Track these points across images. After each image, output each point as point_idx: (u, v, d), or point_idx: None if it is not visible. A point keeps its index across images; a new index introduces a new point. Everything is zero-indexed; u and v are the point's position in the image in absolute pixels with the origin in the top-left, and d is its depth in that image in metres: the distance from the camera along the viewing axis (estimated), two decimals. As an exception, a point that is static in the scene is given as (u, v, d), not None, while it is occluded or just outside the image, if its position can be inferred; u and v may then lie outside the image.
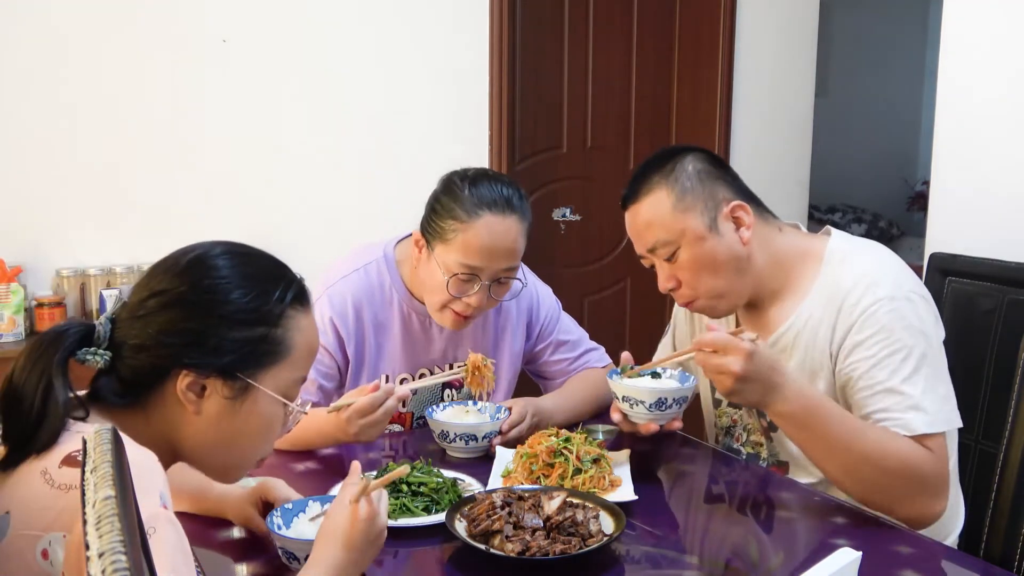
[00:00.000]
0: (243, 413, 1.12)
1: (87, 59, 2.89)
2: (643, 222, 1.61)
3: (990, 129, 2.07)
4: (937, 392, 1.48)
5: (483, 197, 1.72)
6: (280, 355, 1.13)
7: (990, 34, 2.06)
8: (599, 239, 3.92)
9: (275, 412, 1.15)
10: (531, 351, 2.02)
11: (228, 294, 1.10)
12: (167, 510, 0.96)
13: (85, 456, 0.80)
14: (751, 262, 1.59)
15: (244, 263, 1.14)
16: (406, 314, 1.88)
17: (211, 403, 1.10)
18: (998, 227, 2.02)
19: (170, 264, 1.13)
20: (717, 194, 1.59)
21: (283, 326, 1.13)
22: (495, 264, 1.73)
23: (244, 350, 1.10)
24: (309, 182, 3.23)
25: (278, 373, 1.14)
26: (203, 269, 1.11)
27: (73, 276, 2.87)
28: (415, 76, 3.35)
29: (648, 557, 1.36)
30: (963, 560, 1.41)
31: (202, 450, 1.14)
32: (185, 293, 1.09)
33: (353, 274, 1.86)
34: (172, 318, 1.08)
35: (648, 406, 1.55)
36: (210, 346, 1.08)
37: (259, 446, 1.18)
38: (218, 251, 1.14)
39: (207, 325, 1.09)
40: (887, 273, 1.54)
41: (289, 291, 1.15)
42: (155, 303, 1.09)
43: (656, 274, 1.64)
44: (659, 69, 4.01)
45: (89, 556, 0.66)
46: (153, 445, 1.07)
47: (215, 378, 1.09)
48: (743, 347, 1.38)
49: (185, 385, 1.08)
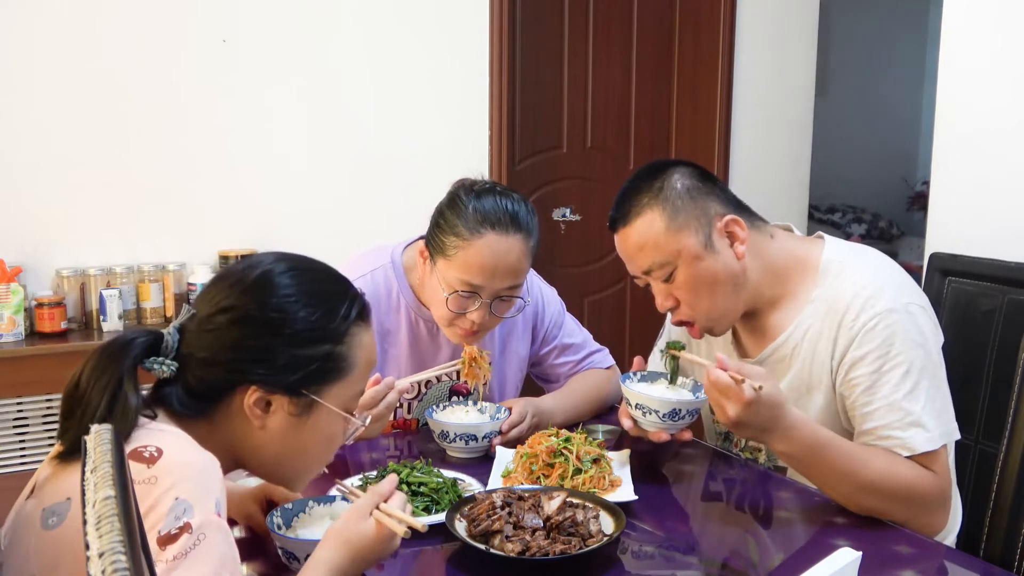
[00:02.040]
0: (307, 428, 1.15)
1: (87, 59, 2.89)
2: (635, 245, 1.57)
3: (990, 129, 2.07)
4: (937, 406, 1.48)
5: (487, 214, 1.67)
6: (344, 372, 1.16)
7: (990, 34, 2.06)
8: (599, 239, 3.91)
9: (337, 426, 1.18)
10: (536, 354, 2.00)
11: (295, 312, 1.13)
12: (220, 518, 0.98)
13: (85, 456, 0.80)
14: (747, 276, 1.58)
15: (309, 280, 1.17)
16: (413, 321, 1.86)
17: (276, 419, 1.13)
18: (998, 227, 2.02)
19: (236, 279, 1.15)
20: (709, 210, 1.56)
21: (347, 343, 1.16)
22: (496, 283, 1.70)
23: (310, 368, 1.13)
24: (309, 182, 3.23)
25: (341, 389, 1.16)
26: (270, 287, 1.14)
27: (73, 276, 2.87)
28: (415, 76, 3.35)
29: (648, 557, 1.36)
30: (963, 560, 1.41)
31: (265, 461, 1.17)
32: (253, 311, 1.12)
33: (360, 280, 1.83)
34: (241, 335, 1.11)
35: (661, 416, 1.54)
36: (278, 364, 1.11)
37: (321, 458, 1.22)
38: (283, 268, 1.16)
39: (275, 343, 1.12)
40: (886, 284, 1.53)
41: (354, 307, 1.17)
42: (224, 319, 1.11)
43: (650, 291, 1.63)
44: (659, 69, 4.01)
45: (89, 556, 0.66)
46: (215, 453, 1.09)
47: (281, 395, 1.12)
48: (743, 397, 1.36)
49: (252, 401, 1.11)
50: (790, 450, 1.44)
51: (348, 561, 1.13)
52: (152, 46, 2.96)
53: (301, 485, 1.25)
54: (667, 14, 3.98)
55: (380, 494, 1.18)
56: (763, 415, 1.38)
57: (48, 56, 2.84)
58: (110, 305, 2.82)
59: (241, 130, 3.11)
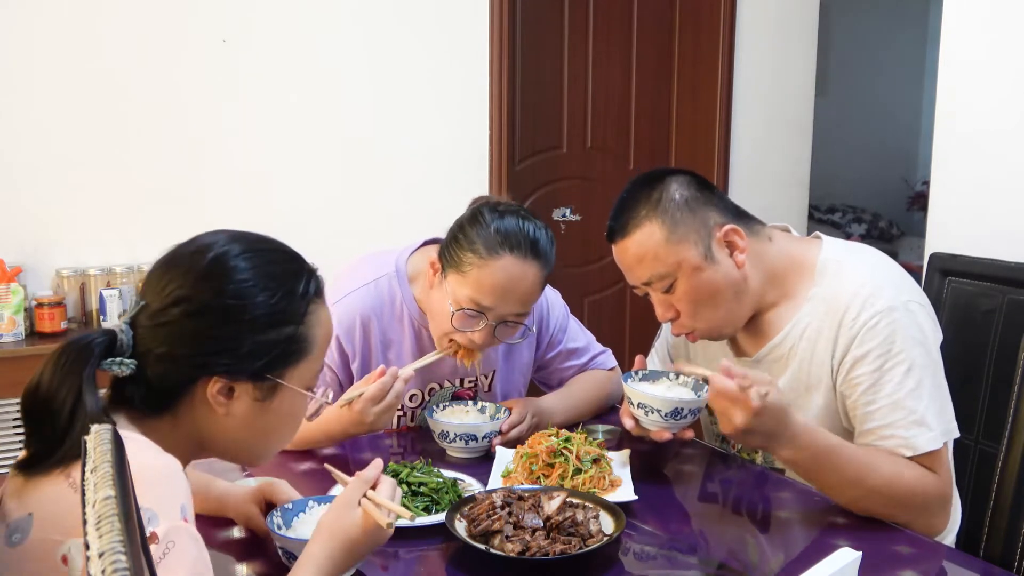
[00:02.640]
0: (271, 410, 1.13)
1: (87, 59, 2.89)
2: (634, 257, 1.57)
3: (990, 129, 2.07)
4: (938, 405, 1.48)
5: (508, 235, 1.64)
6: (305, 352, 1.14)
7: (990, 34, 2.06)
8: (599, 239, 3.87)
9: (300, 405, 1.17)
10: (541, 359, 1.99)
11: (254, 298, 1.09)
12: (187, 523, 0.95)
13: (85, 456, 0.80)
14: (747, 284, 1.57)
15: (265, 261, 1.12)
16: (417, 330, 1.84)
17: (240, 404, 1.11)
18: (998, 227, 2.02)
19: (188, 266, 1.10)
20: (708, 220, 1.55)
21: (307, 323, 1.14)
22: (505, 307, 1.67)
23: (273, 352, 1.11)
24: (309, 182, 3.23)
25: (303, 369, 1.15)
26: (225, 272, 1.09)
27: (73, 276, 2.87)
28: (415, 76, 3.35)
29: (648, 557, 1.36)
30: (963, 560, 1.41)
31: (229, 445, 1.15)
32: (210, 301, 1.07)
33: (362, 288, 1.82)
34: (199, 327, 1.07)
35: (664, 415, 1.53)
36: (241, 352, 1.08)
37: (286, 436, 1.21)
38: (237, 250, 1.11)
39: (235, 332, 1.08)
40: (885, 282, 1.52)
41: (310, 285, 1.15)
42: (179, 311, 1.06)
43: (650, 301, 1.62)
44: (659, 69, 4.01)
45: (89, 556, 0.66)
46: (180, 444, 1.08)
47: (244, 382, 1.10)
48: (751, 405, 1.34)
49: (215, 391, 1.09)
50: (796, 457, 1.43)
51: (339, 553, 1.12)
52: (152, 46, 2.96)
53: (264, 461, 1.24)
54: (667, 14, 3.98)
55: (366, 480, 1.17)
56: (769, 423, 1.37)
57: (48, 56, 2.84)
58: (110, 305, 2.82)
59: (241, 130, 3.11)
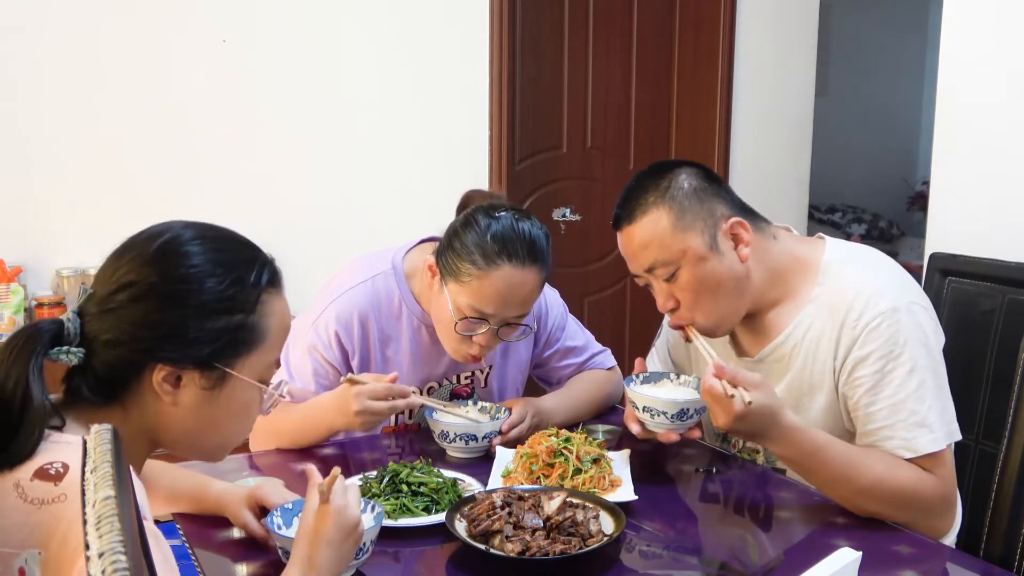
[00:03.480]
0: (221, 400, 1.10)
1: (87, 59, 2.89)
2: (639, 242, 1.56)
3: (990, 129, 2.07)
4: (940, 406, 1.48)
5: (504, 243, 1.64)
6: (256, 342, 1.11)
7: (989, 35, 2.06)
8: (599, 239, 3.92)
9: (252, 397, 1.13)
10: (538, 357, 2.00)
11: (202, 283, 1.06)
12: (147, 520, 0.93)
13: (85, 456, 0.80)
14: (749, 280, 1.57)
15: (216, 248, 1.10)
16: (415, 327, 1.84)
17: (187, 393, 1.07)
18: (998, 227, 2.02)
19: (138, 252, 1.07)
20: (715, 211, 1.55)
21: (259, 312, 1.10)
22: (507, 312, 1.68)
23: (221, 340, 1.07)
24: (309, 182, 3.23)
25: (254, 359, 1.11)
26: (174, 257, 1.06)
27: (73, 276, 2.88)
28: (415, 76, 3.35)
29: (648, 557, 1.36)
30: (963, 560, 1.41)
31: (182, 438, 1.11)
32: (156, 284, 1.05)
33: (360, 286, 1.82)
34: (145, 311, 1.04)
35: (670, 416, 1.53)
36: (187, 338, 1.05)
37: (238, 430, 1.16)
38: (188, 236, 1.09)
39: (182, 317, 1.05)
40: (888, 283, 1.52)
41: (264, 273, 1.12)
42: (126, 296, 1.04)
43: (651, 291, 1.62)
44: (659, 69, 4.01)
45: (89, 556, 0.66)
46: (133, 439, 1.06)
47: (191, 369, 1.06)
48: (733, 410, 1.37)
49: (161, 378, 1.05)
50: (785, 453, 1.45)
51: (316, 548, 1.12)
52: (152, 46, 2.96)
53: (222, 456, 1.20)
54: (667, 14, 3.98)
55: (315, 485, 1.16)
56: (753, 424, 1.39)
57: (48, 56, 2.84)
58: (110, 305, 2.82)
59: (241, 130, 3.11)
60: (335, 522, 1.13)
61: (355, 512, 1.16)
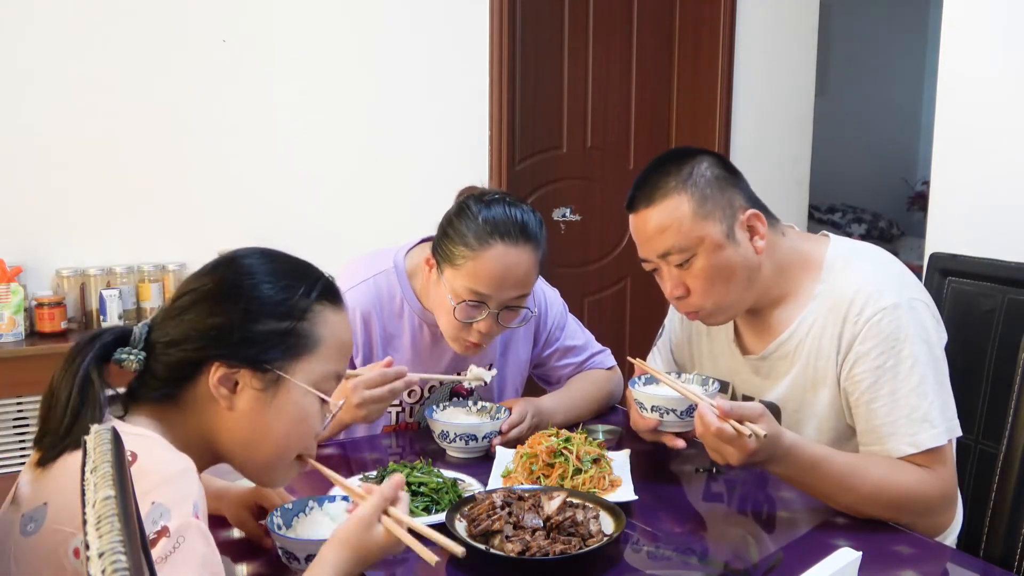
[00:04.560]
0: (275, 406, 1.13)
1: (87, 59, 2.89)
2: (656, 227, 1.55)
3: (990, 129, 2.07)
4: (941, 401, 1.48)
5: (496, 224, 1.66)
6: (308, 348, 1.15)
7: (989, 35, 2.06)
8: (599, 239, 3.92)
9: (308, 406, 1.16)
10: (538, 356, 2.00)
11: (254, 288, 1.13)
12: (199, 520, 0.96)
13: (85, 456, 0.80)
14: (760, 272, 1.58)
15: (271, 260, 1.18)
16: (417, 325, 1.85)
17: (244, 397, 1.12)
18: (998, 227, 2.03)
19: (204, 269, 1.18)
20: (734, 201, 1.56)
21: (310, 320, 1.15)
22: (504, 293, 1.69)
23: (271, 341, 1.12)
24: (309, 182, 3.23)
25: (308, 366, 1.15)
26: (232, 267, 1.16)
27: (73, 276, 2.87)
28: (415, 76, 3.35)
29: (648, 557, 1.36)
30: (963, 560, 1.41)
31: (238, 446, 1.15)
32: (212, 289, 1.13)
33: (362, 284, 1.83)
34: (201, 313, 1.12)
35: (679, 414, 1.53)
36: (237, 338, 1.11)
37: (294, 441, 1.17)
38: (248, 252, 1.19)
39: (234, 318, 1.12)
40: (889, 280, 1.53)
41: (316, 286, 1.17)
42: (186, 301, 1.13)
43: (655, 278, 1.62)
44: (659, 69, 4.01)
45: (89, 556, 0.66)
46: (192, 444, 1.09)
47: (246, 370, 1.11)
48: (748, 447, 1.33)
49: (217, 379, 1.10)
50: (787, 472, 1.43)
51: (353, 565, 1.12)
52: (152, 46, 2.96)
53: (278, 477, 1.20)
54: (667, 14, 3.99)
55: (385, 498, 1.14)
56: (765, 454, 1.37)
57: (48, 56, 2.84)
58: (110, 305, 2.82)
59: (241, 130, 3.11)
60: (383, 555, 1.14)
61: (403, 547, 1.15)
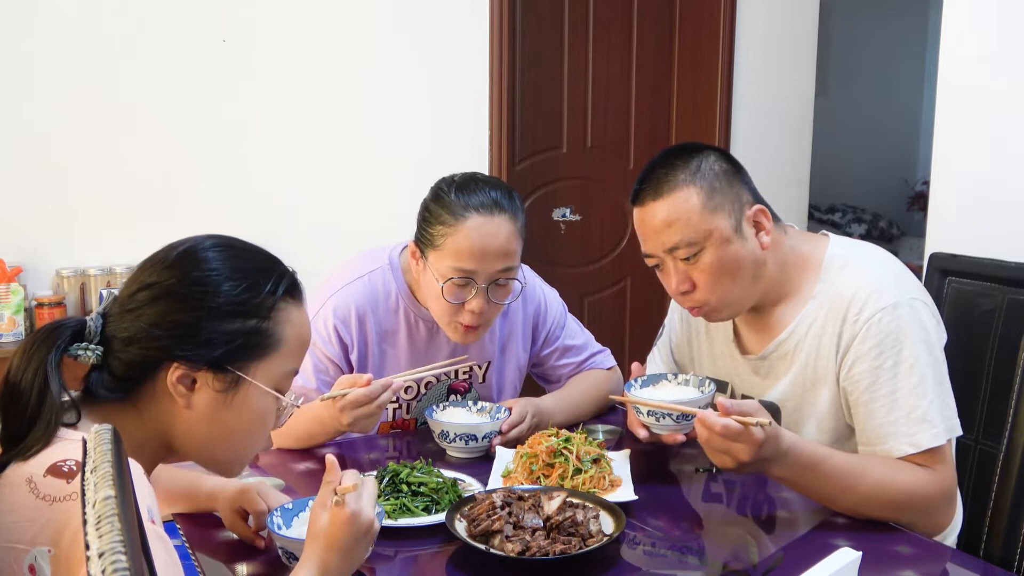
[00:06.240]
0: (234, 406, 1.10)
1: (87, 59, 2.89)
2: (663, 220, 1.54)
3: (990, 129, 2.07)
4: (941, 401, 1.48)
5: (470, 200, 1.70)
6: (271, 348, 1.12)
7: (990, 34, 2.06)
8: (599, 239, 3.92)
9: (267, 405, 1.14)
10: (537, 355, 2.00)
11: (218, 286, 1.08)
12: (155, 525, 0.93)
13: (85, 456, 0.80)
14: (766, 267, 1.58)
15: (234, 256, 1.13)
16: (412, 321, 1.86)
17: (202, 396, 1.09)
18: (998, 227, 2.02)
19: (160, 257, 1.11)
20: (741, 196, 1.56)
21: (274, 319, 1.12)
22: (488, 265, 1.70)
23: (234, 342, 1.09)
24: (309, 182, 3.23)
25: (269, 366, 1.12)
26: (193, 261, 1.10)
27: (73, 276, 2.88)
28: (415, 76, 3.35)
29: (648, 557, 1.36)
30: (963, 560, 1.41)
31: (196, 445, 1.12)
32: (174, 285, 1.08)
33: (357, 281, 1.84)
34: (161, 310, 1.07)
35: (675, 418, 1.52)
36: (200, 339, 1.07)
37: (253, 440, 1.16)
38: (208, 244, 1.12)
39: (197, 317, 1.07)
40: (889, 280, 1.53)
41: (281, 284, 1.13)
42: (145, 296, 1.07)
43: (657, 274, 1.62)
44: (659, 69, 4.01)
45: (89, 556, 0.66)
46: (146, 442, 1.07)
47: (205, 371, 1.08)
48: (755, 438, 1.33)
49: (175, 378, 1.07)
50: (787, 473, 1.42)
51: (326, 552, 1.11)
52: (152, 46, 2.96)
53: (237, 470, 1.20)
54: (667, 14, 3.98)
55: (330, 482, 1.15)
56: (770, 450, 1.36)
57: (48, 56, 2.84)
58: (110, 305, 2.82)
59: (241, 130, 3.11)
60: (350, 528, 1.12)
61: (369, 515, 1.14)
